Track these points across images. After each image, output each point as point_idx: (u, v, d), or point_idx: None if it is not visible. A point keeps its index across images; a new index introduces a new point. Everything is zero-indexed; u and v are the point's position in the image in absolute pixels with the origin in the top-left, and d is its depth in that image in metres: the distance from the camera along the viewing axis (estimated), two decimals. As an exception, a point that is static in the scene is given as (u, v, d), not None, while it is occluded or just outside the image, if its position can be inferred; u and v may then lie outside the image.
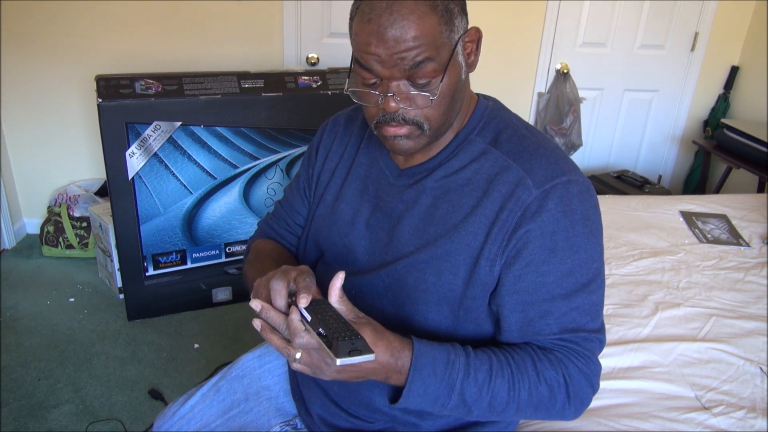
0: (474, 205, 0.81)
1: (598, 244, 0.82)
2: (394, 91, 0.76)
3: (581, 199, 0.79)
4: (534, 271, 0.78)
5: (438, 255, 0.82)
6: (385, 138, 0.82)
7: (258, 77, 2.21)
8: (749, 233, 2.06)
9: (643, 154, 3.47)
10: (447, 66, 0.76)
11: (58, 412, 1.82)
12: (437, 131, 0.81)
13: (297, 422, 1.06)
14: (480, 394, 0.76)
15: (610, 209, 2.19)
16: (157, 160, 2.12)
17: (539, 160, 0.80)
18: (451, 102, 0.80)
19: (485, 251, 0.79)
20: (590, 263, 0.80)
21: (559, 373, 0.78)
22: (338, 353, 0.64)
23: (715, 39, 3.19)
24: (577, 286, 0.79)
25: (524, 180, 0.79)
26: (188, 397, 1.08)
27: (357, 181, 0.94)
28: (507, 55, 3.02)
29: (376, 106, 0.78)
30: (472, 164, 0.83)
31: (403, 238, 0.85)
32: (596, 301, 0.82)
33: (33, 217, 2.91)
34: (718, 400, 1.22)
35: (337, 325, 0.68)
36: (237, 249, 2.39)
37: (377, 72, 0.75)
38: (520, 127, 0.86)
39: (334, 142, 1.01)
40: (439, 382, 0.74)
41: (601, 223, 0.83)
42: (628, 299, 1.60)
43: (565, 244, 0.78)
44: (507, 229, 0.78)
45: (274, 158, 2.31)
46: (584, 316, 0.80)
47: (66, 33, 2.59)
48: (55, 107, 2.72)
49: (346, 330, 0.68)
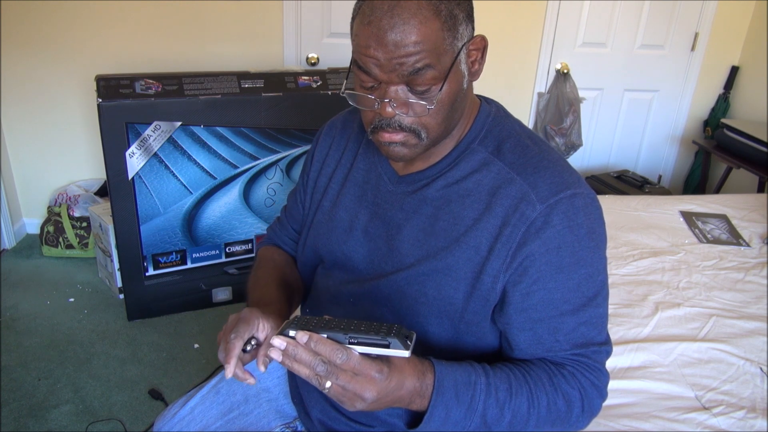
0: (476, 218, 0.79)
1: (602, 256, 0.81)
2: (392, 96, 0.74)
3: (586, 213, 0.78)
4: (542, 288, 0.77)
5: (439, 268, 0.80)
6: (381, 144, 0.80)
7: (258, 77, 2.21)
8: (749, 233, 2.06)
9: (643, 154, 3.47)
10: (447, 74, 0.73)
11: (58, 412, 1.82)
12: (435, 140, 0.79)
13: (297, 424, 1.05)
14: (501, 413, 0.74)
15: (610, 209, 2.19)
16: (157, 160, 2.11)
17: (543, 174, 0.78)
18: (450, 111, 0.77)
19: (488, 267, 0.78)
20: (596, 276, 0.80)
21: (575, 388, 0.78)
22: (404, 346, 0.66)
23: (715, 39, 3.19)
24: (584, 300, 0.78)
25: (528, 195, 0.77)
26: (188, 398, 1.07)
27: (355, 187, 0.93)
28: (507, 55, 3.02)
29: (373, 110, 0.77)
30: (474, 174, 0.81)
31: (404, 248, 0.84)
32: (602, 314, 0.81)
33: (33, 217, 2.91)
34: (718, 400, 1.22)
35: (367, 328, 0.68)
36: (237, 249, 2.39)
37: (375, 75, 0.73)
38: (523, 136, 0.84)
39: (330, 147, 0.99)
40: (461, 405, 0.72)
41: (606, 234, 0.82)
42: (629, 299, 1.60)
43: (572, 260, 0.77)
44: (511, 246, 0.77)
45: (274, 158, 2.31)
46: (592, 330, 0.80)
47: (66, 33, 2.59)
48: (55, 107, 2.72)
49: (383, 328, 0.67)
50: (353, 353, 0.67)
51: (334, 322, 0.70)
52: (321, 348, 0.67)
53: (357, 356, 0.66)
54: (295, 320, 0.72)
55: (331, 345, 0.67)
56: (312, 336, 0.67)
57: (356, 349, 0.67)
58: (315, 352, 0.67)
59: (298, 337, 0.68)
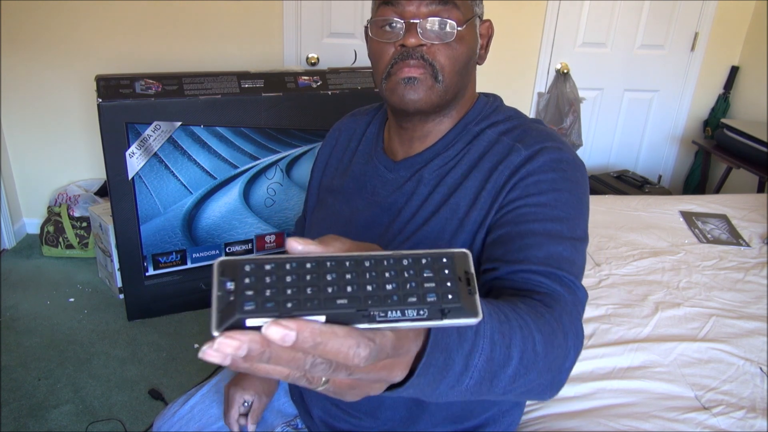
0: (464, 175, 0.82)
1: (584, 212, 0.78)
2: (417, 24, 0.78)
3: (570, 164, 0.78)
4: (524, 203, 0.75)
5: (429, 233, 0.81)
6: (398, 84, 0.80)
7: (258, 77, 2.21)
8: (749, 233, 2.06)
9: (643, 154, 3.47)
10: (467, 22, 0.79)
11: (58, 412, 1.82)
12: (448, 88, 0.81)
13: (298, 422, 1.05)
14: (508, 353, 0.54)
15: (610, 209, 2.19)
16: (157, 160, 2.11)
17: (531, 133, 0.81)
18: (463, 68, 0.81)
19: (471, 216, 0.79)
20: (576, 221, 0.76)
21: (555, 309, 0.66)
22: (470, 311, 0.38)
23: (715, 39, 3.19)
24: (562, 231, 0.74)
25: (515, 147, 0.80)
26: (188, 397, 1.08)
27: (354, 181, 0.94)
28: (507, 55, 3.02)
29: (394, 45, 0.79)
30: (467, 146, 0.84)
31: (400, 226, 0.85)
32: (580, 260, 0.75)
33: (33, 217, 2.91)
34: (718, 400, 1.22)
35: (380, 283, 0.38)
36: (237, 249, 2.39)
37: (402, 7, 0.77)
38: (520, 116, 0.87)
39: (334, 147, 1.02)
40: (463, 342, 0.49)
41: (588, 195, 0.80)
42: (628, 299, 1.60)
43: (551, 187, 0.76)
44: (495, 189, 0.78)
45: (274, 158, 2.31)
46: (566, 261, 0.73)
47: (66, 33, 2.59)
48: (55, 107, 2.72)
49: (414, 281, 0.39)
50: (386, 337, 0.39)
51: (315, 275, 0.38)
52: (326, 348, 0.37)
53: (391, 337, 0.40)
54: (246, 272, 0.37)
55: (343, 340, 0.37)
56: (301, 327, 0.35)
57: (382, 327, 0.38)
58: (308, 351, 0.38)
59: (271, 333, 0.35)
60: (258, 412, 1.01)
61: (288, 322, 0.35)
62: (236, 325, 0.36)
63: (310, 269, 0.38)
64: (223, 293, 0.36)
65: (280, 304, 0.36)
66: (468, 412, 0.89)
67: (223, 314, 0.36)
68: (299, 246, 0.40)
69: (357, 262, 0.39)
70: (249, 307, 0.36)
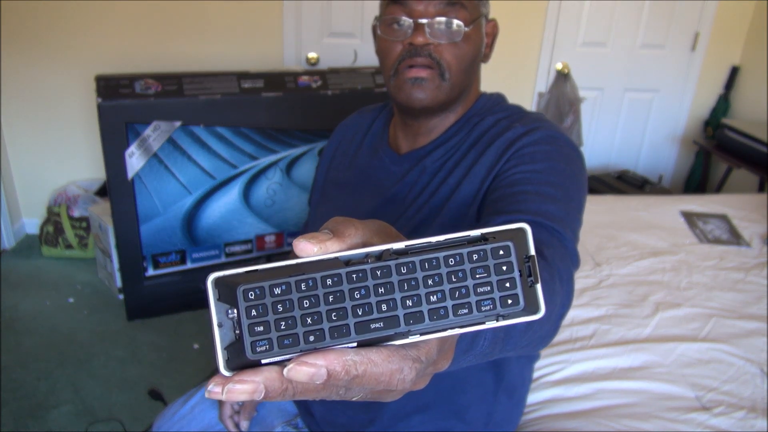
0: (463, 155, 0.83)
1: (579, 187, 0.77)
2: (425, 24, 0.79)
3: (567, 144, 0.80)
4: (519, 170, 0.76)
5: (430, 216, 0.82)
6: (405, 82, 0.82)
7: (258, 77, 2.21)
8: (750, 233, 2.06)
9: (644, 154, 3.47)
10: (474, 22, 0.81)
11: (58, 412, 1.81)
12: (454, 86, 0.83)
13: (298, 421, 1.05)
14: None
15: (611, 209, 2.19)
16: (157, 160, 2.11)
17: (531, 115, 0.84)
18: (469, 66, 0.83)
19: (465, 187, 0.81)
20: (570, 190, 0.74)
21: (546, 255, 0.63)
22: (532, 308, 0.33)
23: (716, 39, 3.19)
24: (556, 195, 0.73)
25: (513, 125, 0.82)
26: (188, 397, 1.08)
27: (360, 175, 0.96)
28: (507, 55, 3.02)
29: (402, 43, 0.81)
30: (468, 134, 0.86)
31: (404, 214, 0.86)
32: (572, 222, 0.73)
33: (32, 217, 2.91)
34: (719, 401, 1.22)
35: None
36: (237, 249, 2.39)
37: (411, 6, 0.79)
38: (522, 110, 0.89)
39: (339, 143, 1.04)
40: None
41: (585, 175, 0.80)
42: (629, 299, 1.60)
43: (546, 157, 0.76)
44: (492, 161, 0.80)
45: (274, 158, 2.31)
46: (557, 218, 0.71)
47: (66, 33, 2.59)
48: (54, 107, 2.71)
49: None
50: (430, 345, 0.34)
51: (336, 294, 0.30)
52: (364, 380, 0.31)
53: (435, 343, 0.35)
54: (251, 300, 0.30)
55: (384, 366, 0.31)
56: (331, 361, 0.30)
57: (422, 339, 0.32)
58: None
59: (295, 375, 0.30)
60: (249, 408, 1.01)
61: (314, 359, 0.29)
62: (248, 365, 0.30)
63: (331, 286, 0.30)
64: (224, 321, 0.30)
65: (298, 339, 0.29)
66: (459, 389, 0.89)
67: (230, 353, 0.30)
68: (314, 247, 0.31)
69: (387, 271, 0.30)
70: (261, 347, 0.29)
